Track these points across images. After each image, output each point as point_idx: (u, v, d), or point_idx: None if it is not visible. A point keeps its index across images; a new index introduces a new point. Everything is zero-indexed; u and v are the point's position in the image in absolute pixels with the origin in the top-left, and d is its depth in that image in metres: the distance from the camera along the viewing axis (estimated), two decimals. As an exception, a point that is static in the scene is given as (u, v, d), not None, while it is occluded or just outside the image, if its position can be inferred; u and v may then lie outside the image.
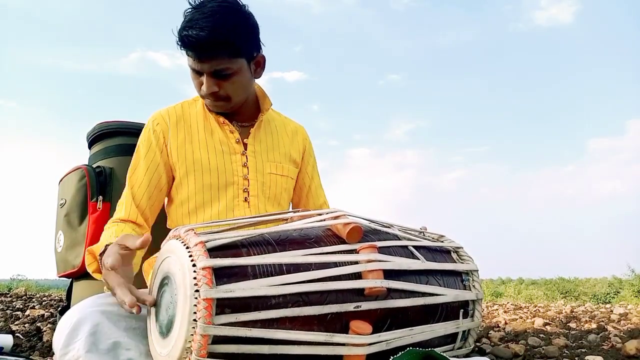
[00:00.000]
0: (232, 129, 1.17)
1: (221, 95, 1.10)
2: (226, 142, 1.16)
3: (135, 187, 1.14)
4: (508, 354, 1.64)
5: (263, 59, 1.15)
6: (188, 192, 1.13)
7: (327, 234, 0.85)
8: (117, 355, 0.81)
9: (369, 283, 0.77)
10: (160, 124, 1.16)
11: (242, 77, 1.09)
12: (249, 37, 1.09)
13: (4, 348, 1.56)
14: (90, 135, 1.82)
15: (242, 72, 1.09)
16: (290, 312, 0.72)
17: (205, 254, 0.69)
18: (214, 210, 1.12)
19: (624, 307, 3.81)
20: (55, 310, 3.13)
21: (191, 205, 1.14)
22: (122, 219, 1.12)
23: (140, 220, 1.12)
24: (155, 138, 1.15)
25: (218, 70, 1.05)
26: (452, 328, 0.89)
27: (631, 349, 1.56)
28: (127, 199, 1.13)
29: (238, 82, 1.09)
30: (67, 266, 1.65)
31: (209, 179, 1.13)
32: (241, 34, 1.05)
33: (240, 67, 1.08)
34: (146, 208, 1.13)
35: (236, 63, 1.06)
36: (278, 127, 1.27)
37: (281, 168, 1.21)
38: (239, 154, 1.16)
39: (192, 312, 0.66)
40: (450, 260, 0.94)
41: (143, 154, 1.15)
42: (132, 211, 1.12)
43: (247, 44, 1.08)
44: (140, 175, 1.14)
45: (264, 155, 1.19)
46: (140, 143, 1.17)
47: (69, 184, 1.69)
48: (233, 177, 1.14)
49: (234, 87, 1.09)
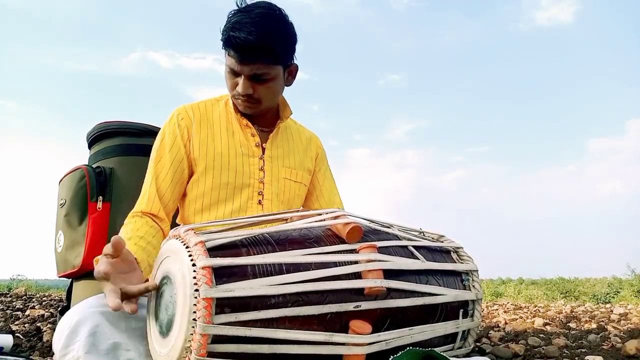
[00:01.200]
0: (254, 132, 1.19)
1: (254, 98, 1.12)
2: (246, 144, 1.17)
3: (160, 178, 1.13)
4: (508, 353, 1.64)
5: (296, 68, 1.19)
6: (204, 189, 1.14)
7: (327, 233, 0.85)
8: (117, 355, 0.81)
9: (369, 283, 0.77)
10: (185, 118, 1.17)
11: (276, 84, 1.12)
12: (289, 46, 1.12)
13: (4, 348, 1.56)
14: (90, 135, 1.82)
15: (278, 79, 1.12)
16: (290, 311, 0.72)
17: (205, 254, 0.70)
18: (227, 209, 1.13)
19: (624, 307, 3.81)
20: (55, 310, 3.13)
21: (205, 202, 1.14)
22: (144, 211, 1.11)
23: (162, 214, 1.12)
24: (180, 132, 1.15)
25: (258, 74, 1.08)
26: (451, 328, 0.89)
27: (631, 349, 1.56)
28: (150, 190, 1.12)
29: (272, 87, 1.12)
30: (67, 266, 1.66)
31: (226, 177, 1.14)
32: (283, 43, 1.09)
33: (277, 74, 1.10)
34: (169, 201, 1.13)
35: (274, 70, 1.09)
36: (294, 134, 1.29)
37: (295, 174, 1.23)
38: (257, 157, 1.17)
39: (192, 311, 0.66)
40: (450, 260, 0.94)
41: (168, 147, 1.15)
42: (155, 204, 1.11)
43: (286, 53, 1.12)
44: (165, 167, 1.14)
45: (280, 160, 1.21)
46: (164, 135, 1.17)
47: (69, 184, 1.69)
48: (250, 179, 1.15)
49: (268, 92, 1.12)
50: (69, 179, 1.71)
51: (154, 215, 1.11)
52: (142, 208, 1.11)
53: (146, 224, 1.07)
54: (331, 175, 1.37)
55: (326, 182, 1.34)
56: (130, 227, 1.05)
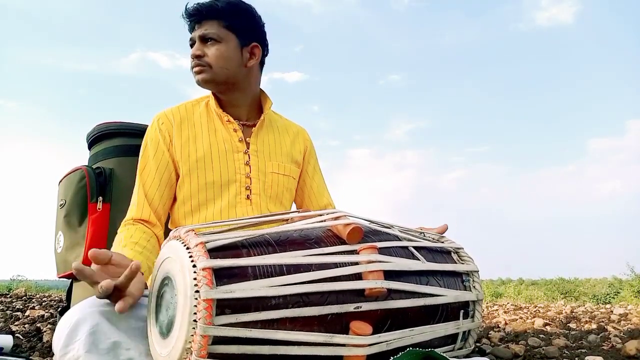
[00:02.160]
0: (236, 127, 1.19)
1: (204, 62, 1.14)
2: (229, 140, 1.18)
3: (147, 185, 1.14)
4: (508, 354, 1.64)
5: (259, 52, 1.20)
6: (190, 190, 1.14)
7: (328, 234, 0.85)
8: (117, 355, 0.81)
9: (369, 284, 0.77)
10: (165, 123, 1.17)
11: (226, 49, 1.15)
12: (245, 21, 1.17)
13: (4, 348, 1.56)
14: (90, 136, 1.82)
15: (228, 46, 1.15)
16: (291, 312, 0.72)
17: (205, 255, 0.69)
18: (216, 208, 1.13)
19: (624, 307, 3.81)
20: (55, 311, 3.13)
21: (194, 203, 1.14)
22: (135, 218, 1.12)
23: (153, 219, 1.12)
24: (162, 136, 1.16)
25: (206, 34, 1.14)
26: (452, 329, 0.89)
27: (631, 349, 1.56)
28: (139, 197, 1.14)
29: (222, 52, 1.14)
30: (67, 267, 1.65)
31: (211, 176, 1.14)
32: (237, 13, 1.16)
33: (226, 39, 1.15)
34: (159, 206, 1.14)
35: (225, 34, 1.14)
36: (280, 128, 1.29)
37: (283, 167, 1.23)
38: (241, 152, 1.17)
39: (192, 312, 0.66)
40: (450, 261, 0.94)
41: (152, 153, 1.16)
42: (145, 210, 1.12)
43: (241, 24, 1.16)
44: (151, 173, 1.14)
45: (266, 154, 1.21)
46: (147, 142, 1.18)
47: (69, 184, 1.69)
48: (235, 175, 1.15)
49: (216, 54, 1.14)
50: (68, 179, 1.71)
51: (145, 221, 1.12)
52: (133, 215, 1.12)
53: (138, 230, 1.08)
54: (320, 169, 1.37)
55: (316, 176, 1.34)
56: (124, 235, 1.06)
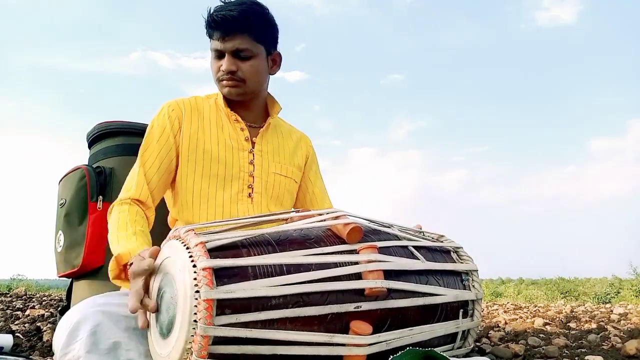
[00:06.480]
0: (243, 126, 1.21)
1: (238, 77, 1.14)
2: (235, 138, 1.19)
3: (147, 166, 1.14)
4: (508, 353, 1.64)
5: (279, 57, 1.23)
6: (194, 179, 1.15)
7: (328, 234, 0.85)
8: (117, 355, 0.81)
9: (369, 283, 0.77)
10: (176, 110, 1.18)
11: (259, 64, 1.16)
12: (270, 30, 1.18)
13: (4, 348, 1.56)
14: (90, 135, 1.82)
15: (260, 59, 1.16)
16: (291, 312, 0.72)
17: (205, 255, 0.70)
18: (218, 201, 1.14)
19: (624, 307, 3.81)
20: (55, 310, 3.13)
21: (196, 192, 1.15)
22: (132, 197, 1.11)
23: (150, 202, 1.12)
24: (170, 123, 1.16)
25: (240, 49, 1.12)
26: (451, 328, 0.89)
27: (631, 349, 1.56)
28: (138, 177, 1.13)
29: (255, 67, 1.15)
30: (67, 266, 1.65)
31: (216, 169, 1.15)
32: (265, 23, 1.16)
33: (259, 53, 1.15)
34: (155, 189, 1.14)
35: (256, 47, 1.14)
36: (284, 132, 1.31)
37: (285, 169, 1.25)
38: (246, 151, 1.19)
39: (193, 312, 0.66)
40: (450, 260, 0.94)
41: (157, 137, 1.16)
42: (143, 191, 1.12)
43: (268, 35, 1.17)
44: (153, 156, 1.14)
45: (270, 155, 1.23)
46: (152, 126, 1.18)
47: (69, 184, 1.69)
48: (239, 172, 1.17)
49: (251, 70, 1.15)
50: (69, 178, 1.71)
51: (141, 202, 1.11)
52: (132, 195, 1.11)
53: (138, 213, 1.08)
54: (321, 176, 1.40)
55: (318, 181, 1.37)
56: (128, 218, 1.05)
